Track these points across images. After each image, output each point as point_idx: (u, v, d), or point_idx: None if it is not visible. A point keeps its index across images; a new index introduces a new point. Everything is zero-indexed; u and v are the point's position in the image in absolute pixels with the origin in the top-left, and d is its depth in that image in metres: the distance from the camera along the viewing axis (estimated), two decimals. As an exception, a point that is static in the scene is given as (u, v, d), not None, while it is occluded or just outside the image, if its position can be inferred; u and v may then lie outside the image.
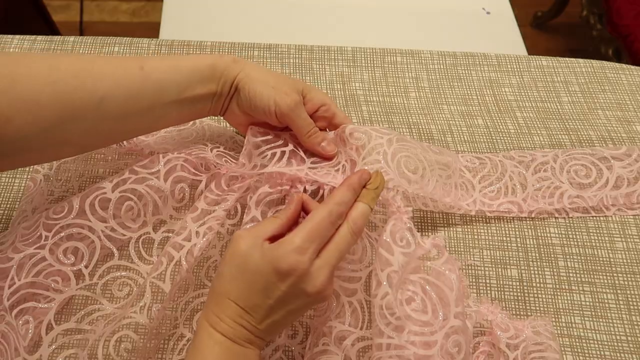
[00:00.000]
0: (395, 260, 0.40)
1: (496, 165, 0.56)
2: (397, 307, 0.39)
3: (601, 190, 0.54)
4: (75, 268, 0.46)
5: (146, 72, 0.42)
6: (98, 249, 0.46)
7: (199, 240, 0.45)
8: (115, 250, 0.48)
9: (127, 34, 0.68)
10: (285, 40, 0.68)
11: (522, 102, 0.63)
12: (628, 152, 0.57)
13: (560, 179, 0.55)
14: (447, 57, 0.67)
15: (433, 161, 0.50)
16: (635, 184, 0.55)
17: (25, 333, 0.43)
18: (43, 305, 0.44)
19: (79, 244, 0.46)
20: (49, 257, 0.44)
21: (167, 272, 0.44)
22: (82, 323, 0.46)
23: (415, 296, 0.41)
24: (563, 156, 0.56)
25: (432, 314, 0.40)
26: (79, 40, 0.66)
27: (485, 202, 0.53)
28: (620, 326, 0.48)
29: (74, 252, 0.46)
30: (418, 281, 0.42)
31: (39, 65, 0.38)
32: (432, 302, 0.41)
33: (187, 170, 0.49)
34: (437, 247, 0.43)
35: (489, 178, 0.55)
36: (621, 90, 0.64)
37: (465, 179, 0.54)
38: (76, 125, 0.40)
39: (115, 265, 0.48)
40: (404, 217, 0.43)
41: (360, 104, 0.62)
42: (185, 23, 0.84)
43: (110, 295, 0.47)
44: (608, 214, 0.54)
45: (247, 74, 0.46)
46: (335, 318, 0.43)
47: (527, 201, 0.53)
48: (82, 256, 0.46)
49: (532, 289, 0.50)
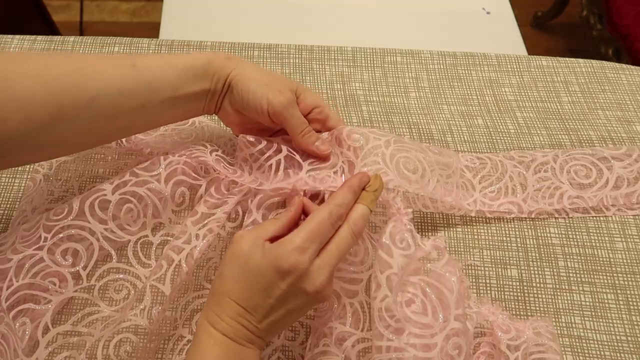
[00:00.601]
0: (394, 263, 0.40)
1: (496, 165, 0.56)
2: (397, 309, 0.39)
3: (601, 191, 0.54)
4: (73, 269, 0.45)
5: (138, 70, 0.42)
6: (96, 250, 0.46)
7: (199, 242, 0.45)
8: (114, 252, 0.48)
9: (127, 34, 0.68)
10: (285, 40, 0.68)
11: (522, 102, 0.63)
12: (628, 152, 0.57)
13: (560, 179, 0.55)
14: (447, 57, 0.67)
15: (433, 161, 0.50)
16: (636, 184, 0.55)
17: (22, 335, 0.43)
18: (40, 306, 0.44)
19: (77, 245, 0.46)
20: (47, 258, 0.44)
21: (168, 275, 0.44)
22: (79, 325, 0.46)
23: (415, 298, 0.41)
24: (563, 156, 0.56)
25: (432, 316, 0.40)
26: (79, 40, 0.66)
27: (486, 202, 0.53)
28: (620, 326, 0.48)
29: (72, 253, 0.46)
30: (418, 283, 0.42)
31: (33, 64, 0.38)
32: (432, 304, 0.41)
33: (188, 174, 0.49)
34: (438, 249, 0.43)
35: (489, 178, 0.55)
36: (621, 90, 0.64)
37: (465, 179, 0.54)
38: (69, 125, 0.40)
39: (114, 267, 0.48)
40: (404, 218, 0.43)
41: (360, 104, 0.62)
42: (185, 23, 0.84)
43: (107, 298, 0.47)
44: (608, 214, 0.54)
45: (240, 71, 0.45)
46: (336, 319, 0.43)
47: (527, 201, 0.53)
48: (80, 257, 0.46)
49: (532, 289, 0.50)
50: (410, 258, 0.41)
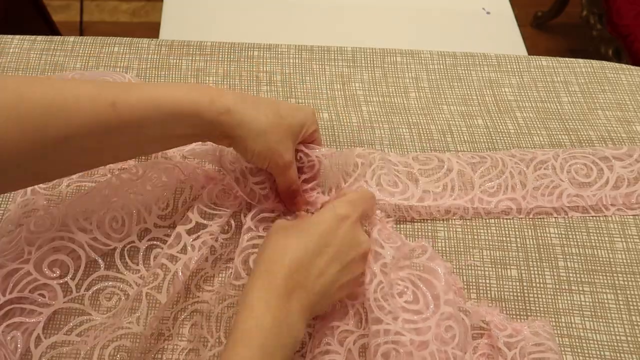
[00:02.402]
0: (386, 253, 0.43)
1: (496, 162, 0.56)
2: (390, 299, 0.41)
3: (601, 190, 0.54)
4: (61, 281, 0.45)
5: (119, 111, 0.38)
6: (83, 260, 0.46)
7: (194, 254, 0.45)
8: (101, 260, 0.47)
9: (127, 34, 0.68)
10: (285, 40, 0.68)
11: (522, 102, 0.63)
12: (629, 152, 0.57)
13: (560, 178, 0.55)
14: (447, 57, 0.67)
15: (416, 172, 0.54)
16: (635, 184, 0.55)
17: (14, 348, 0.43)
18: (31, 319, 0.44)
19: (63, 256, 0.46)
20: (33, 271, 0.44)
21: (165, 284, 0.44)
22: (72, 335, 0.45)
23: (406, 289, 0.43)
24: (564, 155, 0.57)
25: (424, 303, 0.43)
26: (78, 40, 0.66)
27: (484, 199, 0.53)
28: (620, 326, 0.48)
29: (59, 265, 0.46)
30: (407, 277, 0.44)
31: (7, 96, 0.35)
32: (422, 292, 0.43)
33: (171, 177, 0.49)
34: (422, 248, 0.46)
35: (489, 174, 0.55)
36: (621, 90, 0.64)
37: (465, 177, 0.54)
38: (45, 160, 0.38)
39: (102, 275, 0.48)
40: (387, 225, 0.46)
41: (360, 104, 0.62)
42: (185, 23, 0.85)
43: (98, 306, 0.47)
44: (607, 213, 0.54)
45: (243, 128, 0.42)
46: (339, 319, 0.44)
47: (527, 198, 0.53)
48: (67, 268, 0.46)
49: (532, 289, 0.50)
50: (399, 251, 0.44)
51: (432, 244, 0.52)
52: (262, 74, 0.64)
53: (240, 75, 0.64)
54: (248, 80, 0.64)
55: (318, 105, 0.62)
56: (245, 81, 0.63)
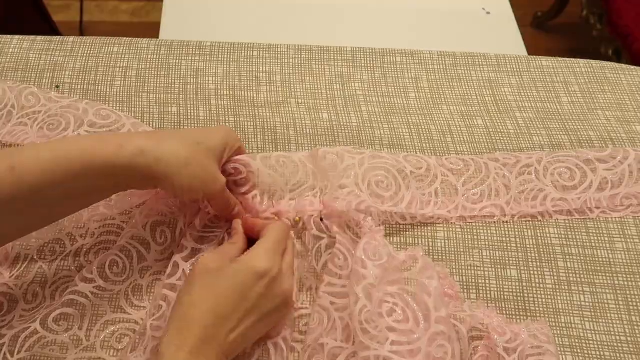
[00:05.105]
0: (369, 274, 0.42)
1: (480, 167, 0.56)
2: (378, 319, 0.40)
3: (585, 193, 0.54)
4: (70, 333, 0.45)
5: (17, 174, 0.36)
6: (89, 309, 0.46)
7: None
8: (107, 305, 0.47)
9: (127, 34, 0.68)
10: (285, 40, 0.68)
11: (522, 102, 0.63)
12: (613, 155, 0.56)
13: (544, 182, 0.55)
14: (446, 58, 0.67)
15: (408, 174, 0.53)
16: (619, 186, 0.55)
17: None
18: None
19: (68, 310, 0.46)
20: (40, 329, 0.44)
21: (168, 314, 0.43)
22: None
23: (395, 307, 0.42)
24: (547, 158, 0.56)
25: (414, 322, 0.41)
26: (78, 40, 0.66)
27: (468, 206, 0.53)
28: (620, 327, 0.48)
29: (65, 318, 0.46)
30: (397, 292, 0.43)
31: None
32: (412, 311, 0.42)
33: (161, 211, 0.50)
34: (414, 259, 0.45)
35: (473, 180, 0.55)
36: (621, 90, 0.64)
37: (448, 183, 0.54)
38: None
39: (109, 320, 0.47)
40: (376, 236, 0.45)
41: (360, 104, 0.62)
42: (185, 23, 0.85)
43: (110, 349, 0.46)
44: (592, 216, 0.54)
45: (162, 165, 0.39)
46: (327, 335, 0.43)
47: (511, 204, 0.53)
48: (73, 320, 0.46)
49: (532, 289, 0.50)
50: (384, 268, 0.43)
51: (432, 245, 0.52)
52: (262, 74, 0.64)
53: (240, 75, 0.64)
54: (248, 80, 0.64)
55: (318, 105, 0.62)
56: (245, 81, 0.64)
